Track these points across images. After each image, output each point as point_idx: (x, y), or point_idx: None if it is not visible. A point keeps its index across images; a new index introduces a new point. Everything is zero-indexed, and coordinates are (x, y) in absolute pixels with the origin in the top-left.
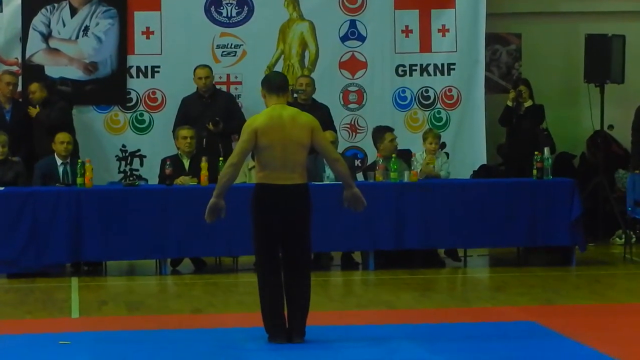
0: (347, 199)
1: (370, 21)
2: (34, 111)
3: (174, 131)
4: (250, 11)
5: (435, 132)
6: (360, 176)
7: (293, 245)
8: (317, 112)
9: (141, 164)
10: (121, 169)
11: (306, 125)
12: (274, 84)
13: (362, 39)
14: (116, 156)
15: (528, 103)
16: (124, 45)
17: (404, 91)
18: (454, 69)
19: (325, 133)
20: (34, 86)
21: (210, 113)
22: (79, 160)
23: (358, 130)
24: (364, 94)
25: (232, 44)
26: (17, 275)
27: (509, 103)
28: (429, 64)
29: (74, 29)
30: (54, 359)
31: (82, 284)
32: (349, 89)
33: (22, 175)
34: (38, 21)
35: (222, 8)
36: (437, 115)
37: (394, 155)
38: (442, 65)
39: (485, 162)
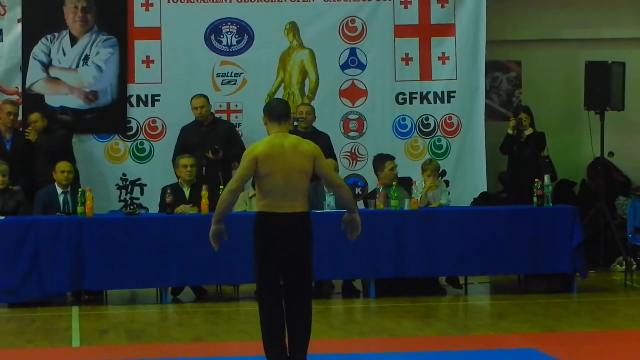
0: (345, 222)
1: (370, 49)
2: (32, 134)
3: (174, 160)
4: (251, 40)
5: (435, 164)
6: (361, 204)
7: (295, 273)
8: (317, 141)
9: (142, 193)
10: (122, 198)
11: (308, 153)
12: (276, 112)
13: (362, 67)
14: (117, 185)
15: (529, 131)
16: (125, 74)
17: (404, 119)
18: (454, 97)
19: (327, 160)
20: (35, 116)
21: (210, 142)
22: (80, 190)
23: (359, 159)
24: (365, 122)
25: (232, 73)
26: (18, 304)
27: (510, 131)
28: (429, 92)
29: (75, 58)
30: None
31: (83, 313)
32: (350, 117)
33: (23, 205)
34: (38, 50)
35: (222, 37)
36: (438, 143)
37: (394, 183)
38: (443, 93)
39: (486, 190)
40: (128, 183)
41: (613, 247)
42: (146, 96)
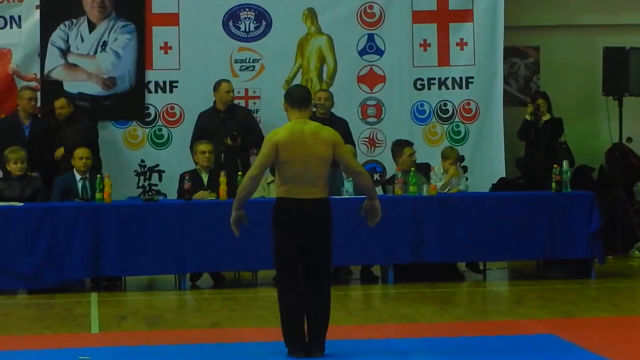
0: (365, 208)
1: (388, 35)
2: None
3: (191, 146)
4: (269, 25)
5: (456, 152)
6: (379, 190)
7: (314, 259)
8: (335, 126)
9: (160, 179)
10: (140, 184)
11: (328, 140)
12: (296, 98)
13: (380, 52)
14: (135, 171)
15: (546, 117)
16: (142, 60)
17: (422, 105)
18: (472, 83)
19: (346, 146)
20: (61, 102)
21: (228, 128)
22: (98, 176)
23: (377, 144)
24: (383, 108)
25: (250, 59)
26: (37, 290)
27: (528, 117)
28: (447, 78)
29: (93, 45)
30: None
31: (102, 299)
32: (368, 102)
33: (41, 191)
34: (56, 37)
35: (240, 22)
36: (456, 129)
37: (412, 169)
38: (461, 78)
39: (504, 176)
40: (146, 169)
41: (631, 233)
42: (164, 82)
